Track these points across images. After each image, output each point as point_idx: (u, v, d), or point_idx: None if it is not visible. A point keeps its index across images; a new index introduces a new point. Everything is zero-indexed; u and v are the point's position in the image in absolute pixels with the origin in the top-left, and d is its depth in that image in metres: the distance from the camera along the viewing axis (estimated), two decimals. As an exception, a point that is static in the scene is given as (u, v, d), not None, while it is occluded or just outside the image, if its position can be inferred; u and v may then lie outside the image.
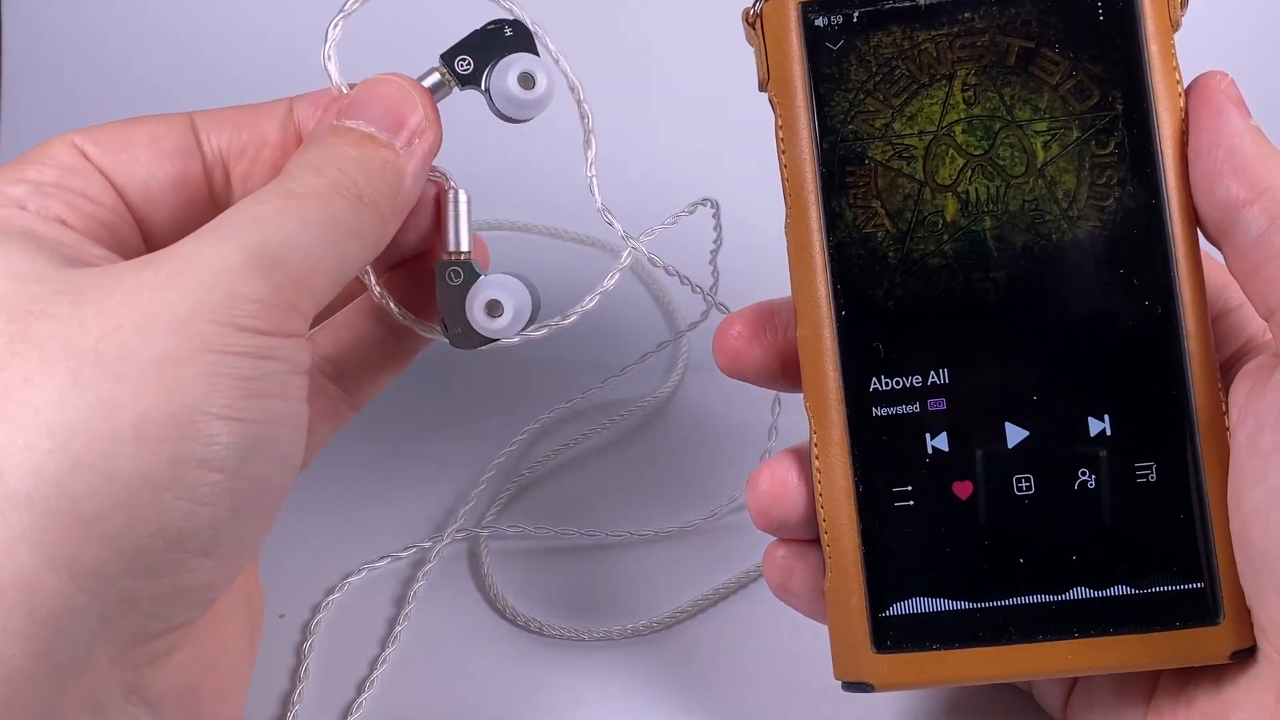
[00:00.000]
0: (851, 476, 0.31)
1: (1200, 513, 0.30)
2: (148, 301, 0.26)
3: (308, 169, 0.29)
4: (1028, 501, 0.30)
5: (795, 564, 0.32)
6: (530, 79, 0.32)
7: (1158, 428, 0.30)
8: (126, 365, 0.25)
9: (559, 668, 0.39)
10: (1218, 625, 0.29)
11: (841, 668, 0.31)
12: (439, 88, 0.33)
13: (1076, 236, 0.30)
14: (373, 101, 0.31)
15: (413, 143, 0.31)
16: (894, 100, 0.31)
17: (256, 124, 0.32)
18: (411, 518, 0.44)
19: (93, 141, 0.31)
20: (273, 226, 0.28)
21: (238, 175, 0.32)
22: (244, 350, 0.26)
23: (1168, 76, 0.30)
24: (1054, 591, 0.30)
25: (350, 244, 0.29)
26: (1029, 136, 0.31)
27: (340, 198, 0.29)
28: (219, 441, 0.26)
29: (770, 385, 0.34)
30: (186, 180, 0.31)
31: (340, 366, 0.35)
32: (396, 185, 0.30)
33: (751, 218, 0.39)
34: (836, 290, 0.31)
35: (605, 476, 0.45)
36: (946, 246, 0.31)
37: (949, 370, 0.31)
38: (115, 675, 0.26)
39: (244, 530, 0.27)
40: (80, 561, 0.25)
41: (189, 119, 0.32)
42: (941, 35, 0.31)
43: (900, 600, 0.31)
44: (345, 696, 0.38)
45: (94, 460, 0.25)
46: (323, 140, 0.30)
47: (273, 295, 0.27)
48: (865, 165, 0.31)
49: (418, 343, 0.36)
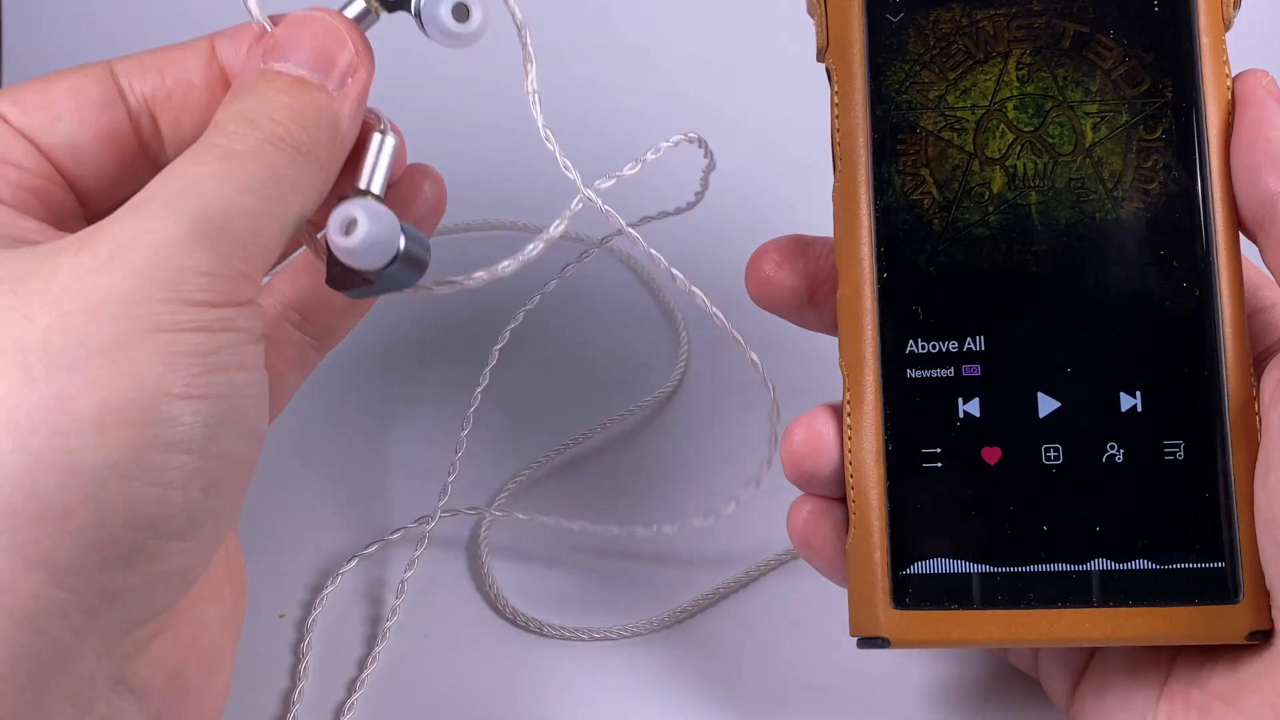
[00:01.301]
0: (882, 436, 0.31)
1: (1225, 493, 0.30)
2: (91, 285, 0.25)
3: (241, 122, 0.28)
4: (1055, 471, 0.31)
5: (820, 520, 0.32)
6: (465, 10, 0.30)
7: (1188, 407, 0.30)
8: (77, 353, 0.24)
9: (558, 667, 0.39)
10: (1236, 605, 0.30)
11: (858, 623, 0.31)
12: (364, 16, 0.31)
13: (1119, 216, 0.31)
14: (300, 41, 0.29)
15: (345, 83, 0.29)
16: (949, 74, 0.32)
17: (179, 65, 0.31)
18: (410, 521, 0.44)
19: (10, 102, 0.29)
20: (212, 192, 0.26)
21: (166, 121, 0.31)
22: (197, 325, 0.25)
23: (1217, 70, 0.31)
24: (1075, 561, 0.30)
25: (292, 198, 0.28)
26: (1079, 117, 0.31)
27: (278, 150, 0.28)
28: (183, 422, 0.25)
29: (799, 314, 0.34)
30: (114, 132, 0.30)
31: (303, 311, 0.34)
32: (333, 131, 0.29)
33: (752, 219, 0.39)
34: (880, 253, 0.31)
35: (605, 476, 0.45)
36: (991, 218, 0.31)
37: (985, 338, 0.31)
38: (102, 668, 0.26)
39: (218, 508, 0.27)
40: (55, 558, 0.24)
41: (108, 67, 0.30)
42: (1000, 15, 0.32)
43: (922, 560, 0.31)
44: (338, 696, 0.38)
45: (56, 455, 0.24)
46: (252, 88, 0.29)
47: (220, 265, 0.26)
48: (917, 134, 0.32)
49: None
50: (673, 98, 0.54)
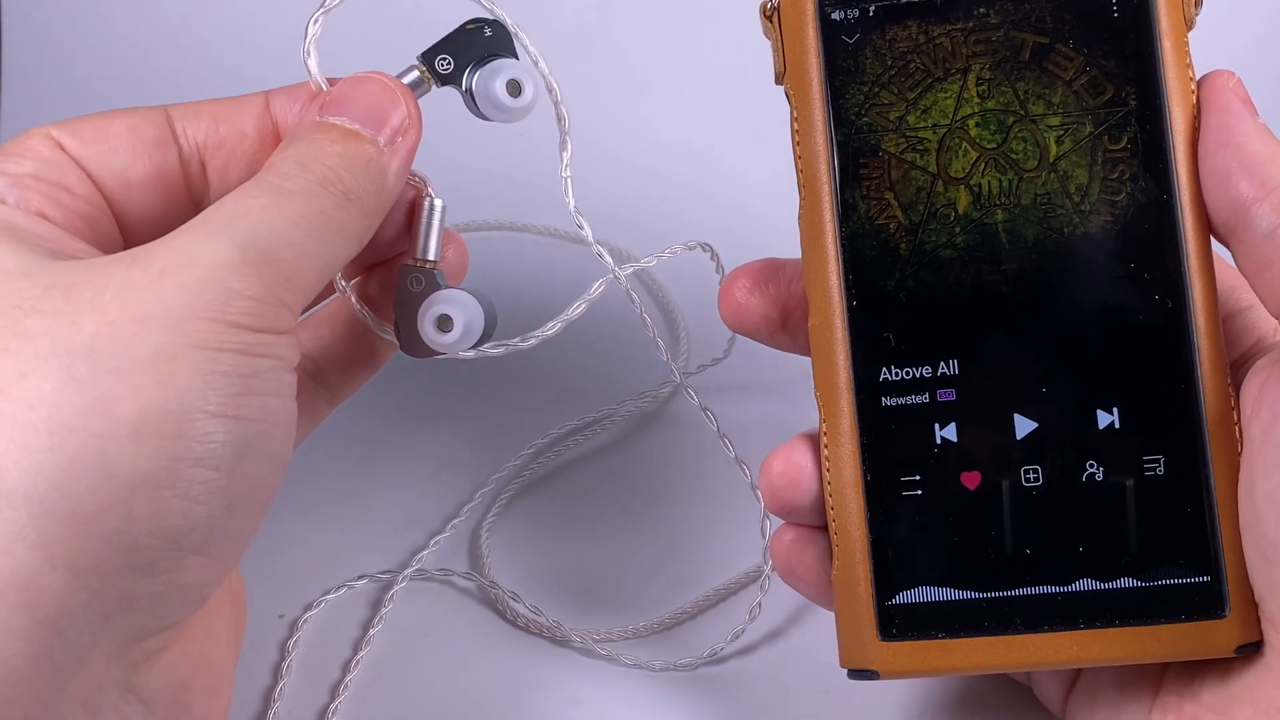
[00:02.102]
0: (860, 465, 0.31)
1: (1208, 506, 0.30)
2: (140, 297, 0.26)
3: (294, 164, 0.29)
4: (1035, 493, 0.30)
5: (803, 549, 0.32)
6: (518, 86, 0.33)
7: (1166, 421, 0.30)
8: (122, 361, 0.25)
9: (558, 668, 0.39)
10: (1224, 619, 0.30)
11: (847, 655, 0.31)
12: (418, 85, 0.33)
13: (1088, 230, 0.31)
14: (356, 98, 0.31)
15: (396, 140, 0.31)
16: (908, 94, 0.31)
17: (234, 117, 0.32)
18: (411, 521, 0.44)
19: (70, 134, 0.30)
20: (263, 222, 0.28)
21: (214, 169, 0.32)
22: (238, 347, 0.26)
23: (1181, 74, 0.31)
24: (1060, 583, 0.30)
25: (336, 240, 0.29)
26: (1042, 131, 0.31)
27: (327, 193, 0.29)
28: (214, 439, 0.26)
29: (772, 339, 0.34)
30: (164, 173, 0.31)
31: (319, 362, 0.35)
32: (380, 182, 0.30)
33: (752, 214, 0.39)
34: (848, 280, 0.31)
35: (605, 477, 0.45)
36: (958, 239, 0.31)
37: (959, 361, 0.31)
38: (111, 674, 0.26)
39: (237, 528, 0.27)
40: (80, 560, 0.24)
41: (165, 111, 0.32)
42: (956, 30, 0.31)
43: (907, 589, 0.31)
44: (323, 701, 0.38)
45: (92, 458, 0.24)
46: (307, 136, 0.30)
47: (264, 292, 0.27)
48: (879, 157, 0.31)
49: (391, 343, 0.36)
50: (673, 98, 0.54)
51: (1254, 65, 0.32)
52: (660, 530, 0.44)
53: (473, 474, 0.46)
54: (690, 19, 0.59)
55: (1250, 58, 0.38)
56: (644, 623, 0.40)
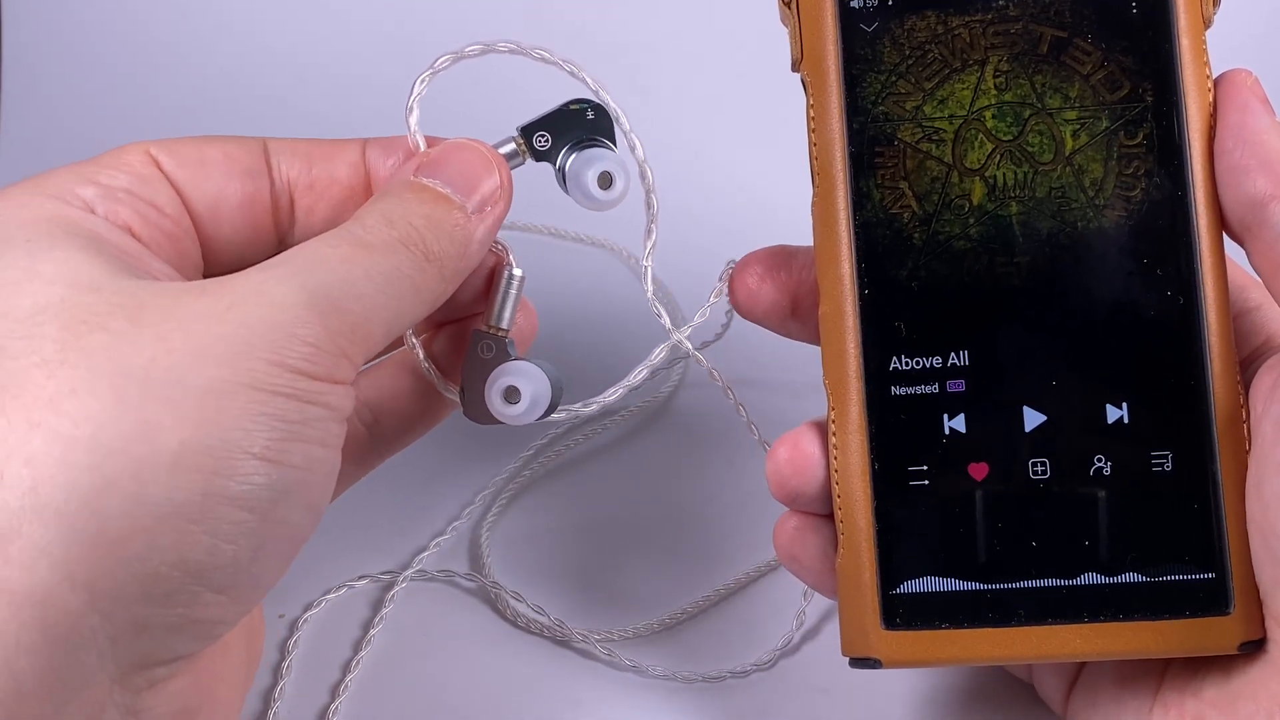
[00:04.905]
0: (868, 454, 0.31)
1: (1214, 503, 0.30)
2: (203, 329, 0.26)
3: (380, 218, 0.29)
4: (1042, 486, 0.30)
5: (806, 536, 0.32)
6: (609, 179, 0.33)
7: (1175, 417, 0.30)
8: (173, 390, 0.25)
9: (560, 668, 0.39)
10: (1228, 616, 0.30)
11: (850, 644, 0.31)
12: (512, 157, 0.33)
13: (1101, 225, 0.31)
14: (452, 162, 0.31)
15: (484, 209, 0.31)
16: (925, 83, 0.31)
17: (328, 160, 0.32)
18: (412, 522, 0.44)
19: (168, 153, 0.31)
20: (338, 271, 0.28)
21: (302, 207, 0.32)
22: (291, 392, 0.26)
23: (1198, 71, 0.31)
24: (1065, 576, 0.30)
25: (409, 299, 0.29)
26: (1058, 124, 0.31)
27: (407, 252, 0.29)
28: (253, 481, 0.26)
29: (782, 327, 0.34)
30: (254, 203, 0.32)
31: (376, 413, 0.35)
32: (463, 248, 0.31)
33: (756, 217, 0.39)
34: (860, 269, 0.31)
35: (605, 477, 0.45)
36: (972, 230, 0.31)
37: (969, 352, 0.31)
38: (114, 697, 0.26)
39: (262, 571, 0.27)
40: (99, 582, 0.24)
41: (263, 143, 0.32)
42: (975, 21, 0.31)
43: (911, 579, 0.31)
44: (323, 701, 0.38)
45: (127, 483, 0.24)
46: (398, 193, 0.30)
47: (327, 340, 0.27)
48: (894, 146, 0.31)
49: (451, 403, 0.36)
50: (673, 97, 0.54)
51: (1254, 66, 0.31)
52: (661, 530, 0.44)
53: (474, 474, 0.46)
54: (690, 18, 0.59)
55: (1250, 58, 0.38)
56: (645, 623, 0.40)
